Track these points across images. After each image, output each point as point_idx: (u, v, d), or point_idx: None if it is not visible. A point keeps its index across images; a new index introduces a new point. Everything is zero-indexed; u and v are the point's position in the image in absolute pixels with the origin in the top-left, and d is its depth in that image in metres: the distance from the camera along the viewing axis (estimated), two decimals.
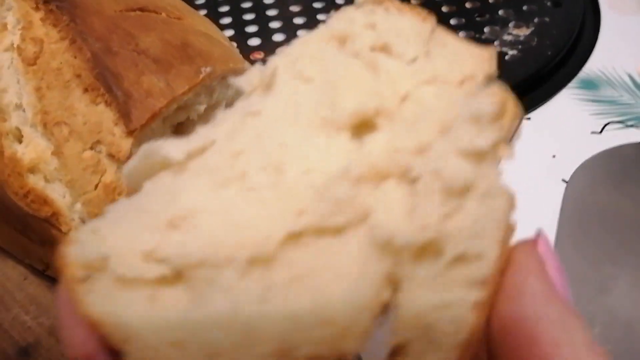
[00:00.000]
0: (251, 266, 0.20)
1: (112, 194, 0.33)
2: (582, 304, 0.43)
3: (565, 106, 0.59)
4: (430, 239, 0.19)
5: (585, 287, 0.44)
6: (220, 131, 0.23)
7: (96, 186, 0.33)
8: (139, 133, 0.33)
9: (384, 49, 0.24)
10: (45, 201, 0.34)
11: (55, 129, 0.34)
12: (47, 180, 0.35)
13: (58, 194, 0.35)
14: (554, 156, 0.54)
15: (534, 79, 0.60)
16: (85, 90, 0.34)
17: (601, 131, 0.56)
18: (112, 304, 0.20)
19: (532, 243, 0.20)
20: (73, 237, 0.21)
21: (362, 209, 0.20)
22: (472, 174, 0.20)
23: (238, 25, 0.69)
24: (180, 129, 0.37)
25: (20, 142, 0.36)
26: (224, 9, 0.72)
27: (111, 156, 0.33)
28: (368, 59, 0.24)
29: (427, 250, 0.19)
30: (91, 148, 0.33)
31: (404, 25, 0.25)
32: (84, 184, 0.33)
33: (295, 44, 0.25)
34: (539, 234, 0.21)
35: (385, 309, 0.19)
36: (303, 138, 0.22)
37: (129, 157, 0.33)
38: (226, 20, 0.70)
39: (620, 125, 0.56)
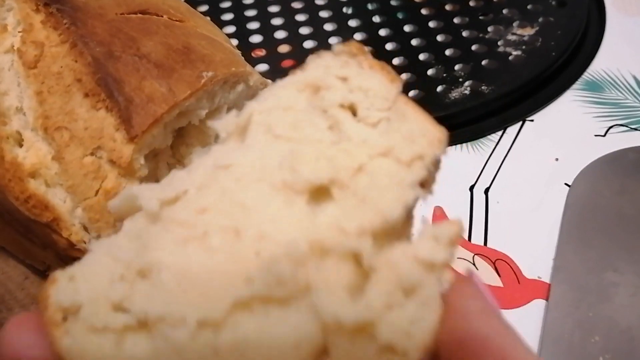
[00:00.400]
0: (200, 328, 0.21)
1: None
2: (582, 311, 0.43)
3: (569, 108, 0.58)
4: (370, 321, 0.21)
5: (585, 294, 0.44)
6: (193, 181, 0.24)
7: (97, 192, 0.33)
8: (140, 139, 0.33)
9: (351, 108, 0.26)
10: (46, 207, 0.34)
11: (56, 133, 0.33)
12: (47, 185, 0.35)
13: (59, 199, 0.34)
14: (557, 159, 0.54)
15: (537, 80, 0.59)
16: (86, 95, 0.33)
17: (605, 134, 0.56)
18: (82, 346, 0.22)
19: (468, 276, 0.23)
20: (54, 278, 0.23)
21: (304, 284, 0.22)
22: (421, 279, 0.22)
23: (240, 22, 0.68)
24: (181, 133, 0.37)
25: (21, 146, 0.35)
26: (226, 4, 0.71)
27: (112, 162, 0.33)
28: (334, 118, 0.25)
29: (362, 331, 0.21)
30: (92, 154, 0.33)
31: (373, 84, 0.27)
32: (84, 190, 0.33)
33: (273, 88, 0.27)
34: (470, 273, 0.23)
35: None
36: (263, 200, 0.23)
37: (130, 163, 0.33)
38: (228, 17, 0.69)
39: (624, 128, 0.56)
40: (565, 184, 0.52)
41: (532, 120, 0.57)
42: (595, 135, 0.56)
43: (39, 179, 0.35)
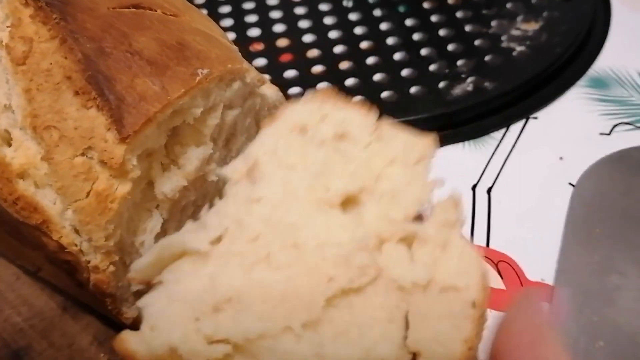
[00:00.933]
0: (304, 330, 0.25)
1: (104, 202, 0.32)
2: (586, 315, 0.42)
3: (574, 106, 0.57)
4: (431, 275, 0.26)
5: (589, 297, 0.43)
6: (229, 220, 0.28)
7: (88, 194, 0.32)
8: (133, 139, 0.31)
9: (343, 137, 0.30)
10: (35, 208, 0.33)
11: (45, 133, 0.32)
12: (37, 185, 0.33)
13: (48, 200, 0.33)
14: (561, 158, 0.53)
15: (542, 77, 0.58)
16: (76, 93, 0.32)
17: (610, 132, 0.55)
18: None
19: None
20: (124, 337, 0.25)
21: (377, 268, 0.26)
22: (448, 235, 0.28)
23: (237, 15, 0.67)
24: (176, 132, 0.36)
25: (9, 145, 0.34)
26: None
27: (103, 163, 0.31)
28: (333, 146, 0.30)
29: (429, 286, 0.26)
30: (82, 154, 0.32)
31: (353, 116, 0.31)
32: (75, 191, 0.32)
33: (264, 135, 0.30)
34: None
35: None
36: (306, 217, 0.28)
37: (122, 164, 0.31)
38: (225, 9, 0.68)
39: (629, 126, 0.55)
40: (570, 183, 0.50)
41: (536, 118, 0.56)
42: (600, 134, 0.54)
43: (28, 180, 0.33)
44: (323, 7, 0.67)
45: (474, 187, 0.51)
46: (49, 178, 0.33)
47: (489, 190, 0.51)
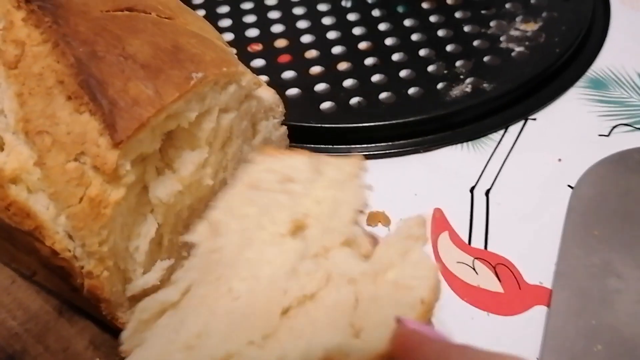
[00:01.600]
0: (265, 341, 0.28)
1: (98, 207, 0.31)
2: (585, 319, 0.41)
3: (573, 107, 0.57)
4: (385, 268, 0.29)
5: (588, 301, 0.42)
6: (195, 271, 0.31)
7: (81, 199, 0.32)
8: (126, 145, 0.31)
9: (288, 179, 0.34)
10: (27, 214, 0.32)
11: (37, 138, 0.32)
12: (29, 190, 0.33)
13: (41, 206, 0.33)
14: (559, 160, 0.52)
15: (541, 78, 0.58)
16: (69, 97, 0.32)
17: (609, 134, 0.54)
18: None
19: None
20: None
21: (326, 272, 0.29)
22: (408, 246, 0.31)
23: (236, 15, 0.67)
24: (170, 136, 0.35)
25: (1, 149, 0.34)
26: None
27: (96, 168, 0.31)
28: (279, 189, 0.34)
29: (379, 275, 0.29)
30: (75, 159, 0.32)
31: (295, 162, 0.35)
32: (67, 197, 0.32)
33: (222, 199, 0.34)
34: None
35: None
36: (261, 251, 0.31)
37: (115, 170, 0.31)
38: (224, 9, 0.67)
39: (629, 128, 0.55)
40: (569, 185, 0.50)
41: (534, 119, 0.56)
42: (599, 135, 0.54)
43: (20, 185, 0.33)
44: (321, 7, 0.67)
45: (472, 189, 0.51)
46: (41, 183, 0.33)
47: (487, 192, 0.50)
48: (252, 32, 0.65)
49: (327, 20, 0.65)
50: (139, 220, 0.35)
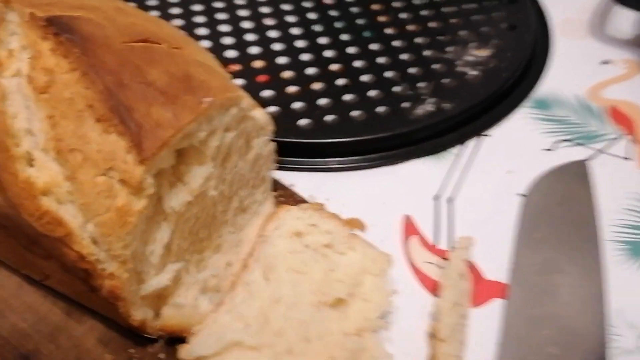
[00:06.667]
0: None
1: (125, 216, 0.36)
2: (533, 308, 0.48)
3: (520, 124, 0.64)
4: None
5: (536, 293, 0.49)
6: (258, 315, 0.42)
7: (108, 209, 0.36)
8: (150, 161, 0.36)
9: (329, 246, 0.47)
10: (60, 223, 0.36)
11: (70, 155, 0.36)
12: (59, 202, 0.37)
13: (70, 215, 0.37)
14: (510, 172, 0.60)
15: (492, 98, 0.65)
16: (98, 120, 0.36)
17: (553, 148, 0.62)
18: None
19: None
20: None
21: (362, 350, 0.42)
22: None
23: (214, 37, 0.71)
24: (181, 153, 0.40)
25: (31, 166, 0.38)
26: (200, 19, 0.74)
27: (123, 182, 0.36)
28: (322, 253, 0.46)
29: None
30: (104, 174, 0.36)
31: (334, 228, 0.48)
32: (97, 207, 0.36)
33: (273, 238, 0.47)
34: None
35: None
36: (311, 314, 0.42)
37: (140, 183, 0.36)
38: (203, 32, 0.72)
39: (569, 143, 0.62)
40: (518, 194, 0.57)
41: (487, 135, 0.63)
42: (544, 150, 0.62)
43: (50, 197, 0.37)
44: (294, 31, 0.73)
45: (435, 198, 0.57)
46: (71, 195, 0.37)
47: (449, 200, 0.57)
48: (231, 54, 0.70)
49: (300, 44, 0.71)
50: (155, 228, 0.40)
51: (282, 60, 0.69)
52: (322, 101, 0.64)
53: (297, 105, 0.63)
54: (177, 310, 0.43)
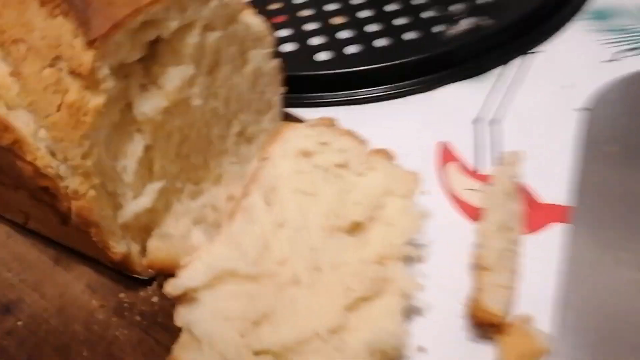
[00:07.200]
0: (330, 335, 0.31)
1: (77, 114, 0.30)
2: (604, 230, 0.39)
3: (575, 38, 0.55)
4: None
5: (608, 213, 0.40)
6: (259, 242, 0.35)
7: (59, 107, 0.31)
8: (101, 44, 0.30)
9: (344, 166, 0.39)
10: (6, 127, 0.31)
11: (13, 47, 0.31)
12: (9, 107, 0.32)
13: (21, 122, 0.32)
14: (565, 86, 0.50)
15: (541, 13, 0.56)
16: (42, 3, 0.31)
17: (614, 59, 0.52)
18: None
19: None
20: (182, 353, 0.31)
21: (385, 279, 0.34)
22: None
23: None
24: (153, 53, 0.34)
25: None
26: None
27: (72, 73, 0.30)
28: (335, 173, 0.38)
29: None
30: (51, 65, 0.31)
31: (349, 146, 0.40)
32: (45, 106, 0.31)
33: (275, 158, 0.38)
34: None
35: None
36: (322, 241, 0.35)
37: (92, 72, 0.30)
38: None
39: (635, 52, 0.52)
40: (577, 109, 0.48)
41: (535, 52, 0.54)
42: (604, 62, 0.52)
43: None
44: None
45: (474, 121, 0.49)
46: (20, 98, 0.32)
47: (490, 123, 0.49)
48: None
49: None
50: (125, 139, 0.34)
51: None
52: (344, 34, 0.57)
53: (315, 40, 0.57)
54: (164, 241, 0.37)
